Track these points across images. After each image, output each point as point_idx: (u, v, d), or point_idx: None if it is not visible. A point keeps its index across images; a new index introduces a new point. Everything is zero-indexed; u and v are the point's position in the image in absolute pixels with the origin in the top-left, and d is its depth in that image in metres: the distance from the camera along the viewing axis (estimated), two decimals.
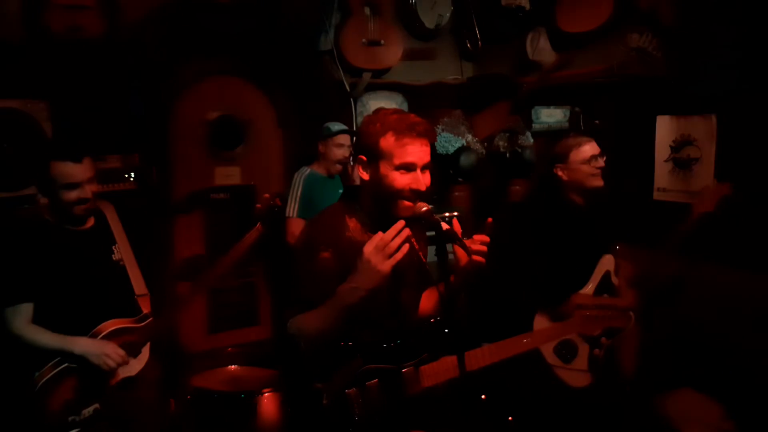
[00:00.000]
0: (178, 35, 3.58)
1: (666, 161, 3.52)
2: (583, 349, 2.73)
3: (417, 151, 1.80)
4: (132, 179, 3.41)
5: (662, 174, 3.54)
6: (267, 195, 3.03)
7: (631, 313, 2.76)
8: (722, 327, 3.10)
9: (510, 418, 2.76)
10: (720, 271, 3.16)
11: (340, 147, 3.60)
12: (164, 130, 3.70)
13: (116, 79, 3.34)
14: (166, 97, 3.68)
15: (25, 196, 3.10)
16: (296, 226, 3.39)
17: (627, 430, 2.90)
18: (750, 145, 3.12)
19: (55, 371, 2.34)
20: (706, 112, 3.30)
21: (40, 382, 2.32)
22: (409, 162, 1.79)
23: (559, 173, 2.80)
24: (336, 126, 3.62)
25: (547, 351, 2.71)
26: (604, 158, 2.79)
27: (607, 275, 2.81)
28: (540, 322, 2.70)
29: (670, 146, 3.50)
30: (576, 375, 2.72)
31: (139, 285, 2.55)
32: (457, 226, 1.82)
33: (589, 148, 2.78)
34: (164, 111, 3.69)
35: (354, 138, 3.68)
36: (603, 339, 2.76)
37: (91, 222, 2.53)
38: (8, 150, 3.09)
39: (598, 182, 2.78)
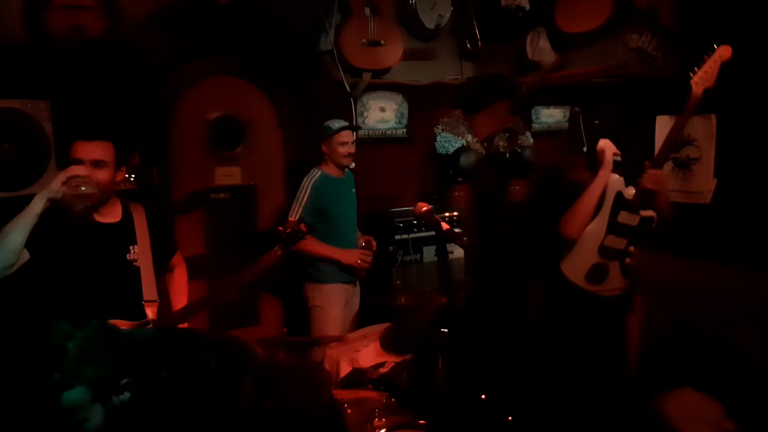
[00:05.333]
0: (179, 35, 3.58)
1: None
2: (614, 266, 2.90)
3: None
4: (132, 179, 3.41)
5: None
6: (293, 218, 3.10)
7: (654, 214, 2.87)
8: (722, 327, 3.10)
9: (510, 417, 2.76)
10: (720, 271, 3.16)
11: (344, 144, 3.50)
12: (164, 130, 3.70)
13: (116, 79, 3.34)
14: (166, 97, 3.68)
15: (26, 196, 3.09)
16: None
17: (627, 430, 2.90)
18: (750, 145, 3.12)
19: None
20: (706, 112, 3.30)
21: None
22: None
23: None
24: (337, 123, 3.53)
25: (580, 280, 2.89)
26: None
27: (619, 195, 2.91)
28: None
29: None
30: (611, 286, 2.93)
31: (149, 291, 2.53)
32: None
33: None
34: (164, 111, 3.69)
35: (356, 133, 3.65)
36: (631, 248, 2.90)
37: (116, 218, 2.54)
38: (9, 150, 3.10)
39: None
